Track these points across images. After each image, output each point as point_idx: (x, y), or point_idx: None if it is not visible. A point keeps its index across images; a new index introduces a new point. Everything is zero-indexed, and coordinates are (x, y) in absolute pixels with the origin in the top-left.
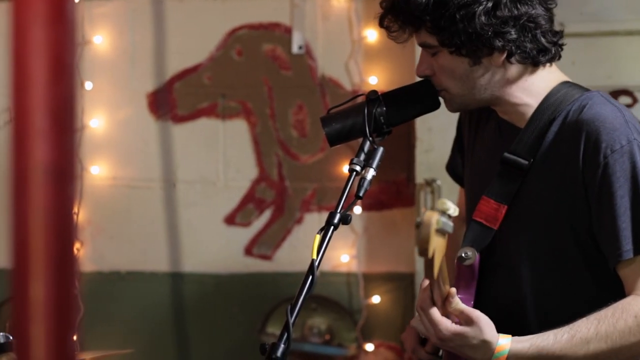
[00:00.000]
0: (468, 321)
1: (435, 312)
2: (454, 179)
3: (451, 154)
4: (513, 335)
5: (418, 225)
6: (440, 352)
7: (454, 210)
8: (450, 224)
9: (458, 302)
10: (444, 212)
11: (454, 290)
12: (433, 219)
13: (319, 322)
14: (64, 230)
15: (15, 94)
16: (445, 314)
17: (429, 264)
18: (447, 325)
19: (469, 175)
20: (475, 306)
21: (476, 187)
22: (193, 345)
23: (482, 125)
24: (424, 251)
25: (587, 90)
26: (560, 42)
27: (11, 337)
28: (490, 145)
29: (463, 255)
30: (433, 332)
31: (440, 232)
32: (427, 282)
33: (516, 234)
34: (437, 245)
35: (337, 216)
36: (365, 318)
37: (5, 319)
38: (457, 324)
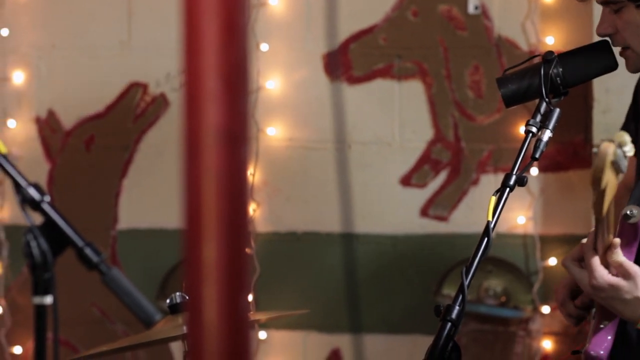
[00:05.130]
0: (626, 275)
1: (595, 259)
2: None
3: (625, 121)
4: None
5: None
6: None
7: (630, 148)
8: (625, 162)
9: (620, 254)
10: (620, 146)
11: (617, 240)
12: (610, 149)
13: (495, 284)
14: (236, 192)
15: (187, 57)
16: (605, 264)
17: (599, 199)
18: (603, 273)
19: None
20: None
21: None
22: (367, 306)
23: None
24: (597, 181)
25: None
26: None
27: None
28: None
29: (628, 212)
30: (587, 279)
31: (615, 166)
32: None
33: None
34: (610, 181)
35: (513, 178)
36: (541, 280)
37: (180, 280)
38: (614, 276)
